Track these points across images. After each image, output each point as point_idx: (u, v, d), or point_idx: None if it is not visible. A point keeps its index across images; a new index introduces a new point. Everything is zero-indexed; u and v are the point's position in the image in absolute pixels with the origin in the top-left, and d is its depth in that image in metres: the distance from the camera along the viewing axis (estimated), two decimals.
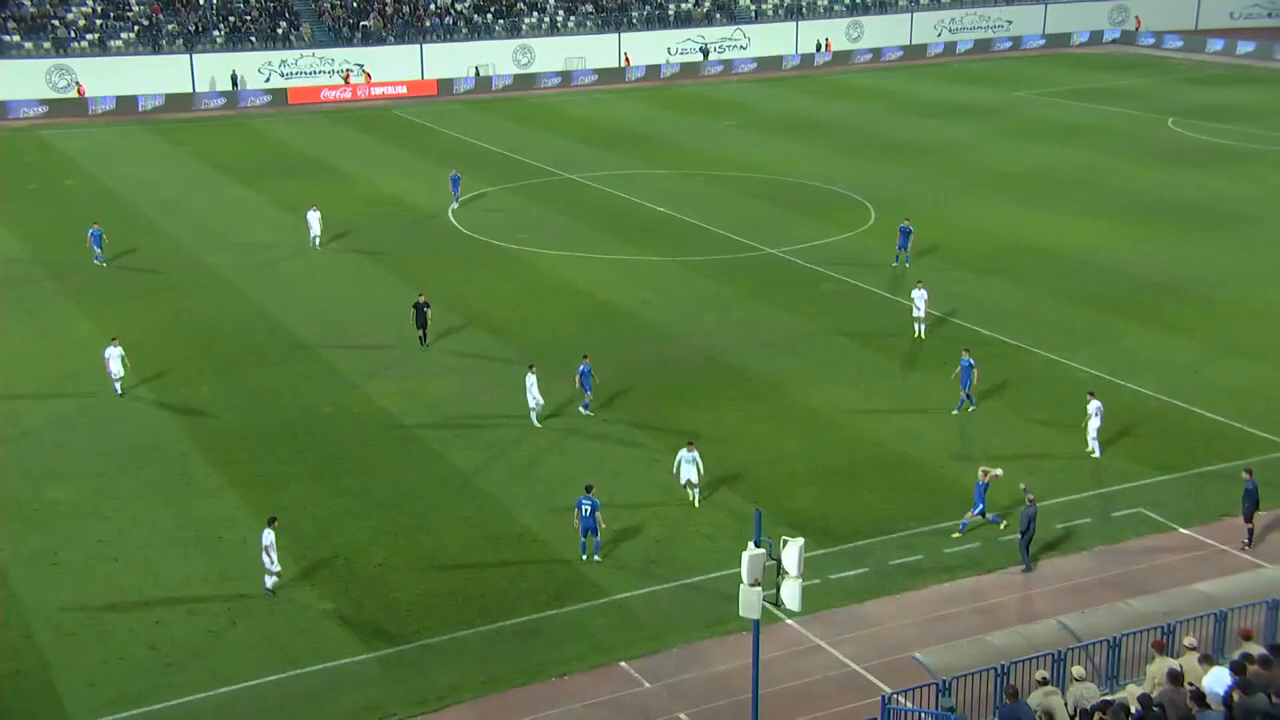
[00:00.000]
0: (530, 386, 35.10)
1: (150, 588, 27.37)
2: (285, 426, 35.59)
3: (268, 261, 51.06)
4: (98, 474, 32.55)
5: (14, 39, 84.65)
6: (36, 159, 69.21)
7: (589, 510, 28.04)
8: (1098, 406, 33.40)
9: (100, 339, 41.83)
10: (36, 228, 55.23)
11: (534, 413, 35.29)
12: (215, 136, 76.66)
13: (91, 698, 23.70)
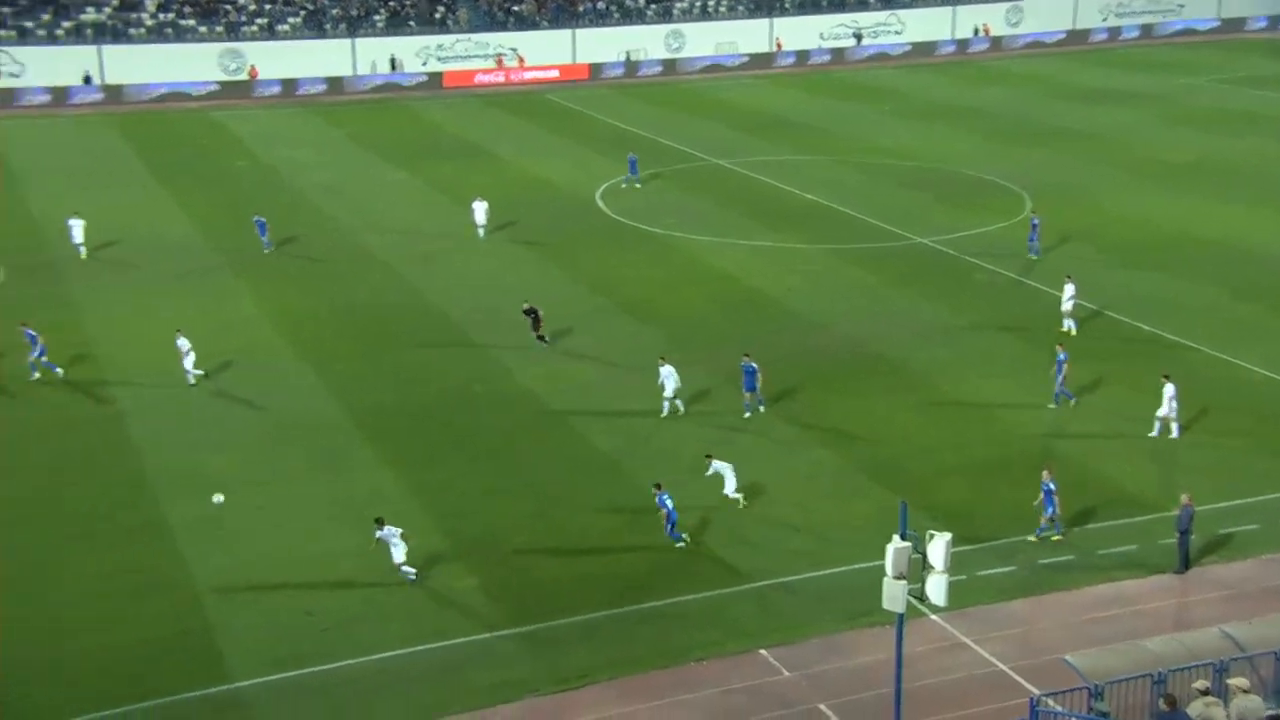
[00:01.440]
0: (665, 377, 35.06)
1: (306, 557, 28.26)
2: (436, 406, 36.33)
3: (423, 244, 52.12)
4: (258, 447, 33.71)
5: (189, 23, 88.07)
6: (209, 141, 71.90)
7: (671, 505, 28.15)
8: (1172, 390, 32.81)
9: (263, 317, 43.38)
10: (207, 207, 57.38)
11: (667, 403, 35.23)
12: (372, 119, 78.56)
13: (250, 659, 24.61)
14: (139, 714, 22.96)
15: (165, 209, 56.74)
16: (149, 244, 51.12)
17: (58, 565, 27.67)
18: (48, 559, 27.87)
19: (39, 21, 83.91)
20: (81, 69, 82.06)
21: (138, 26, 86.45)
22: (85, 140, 70.57)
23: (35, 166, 63.40)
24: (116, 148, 68.79)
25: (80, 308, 43.53)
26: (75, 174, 62.28)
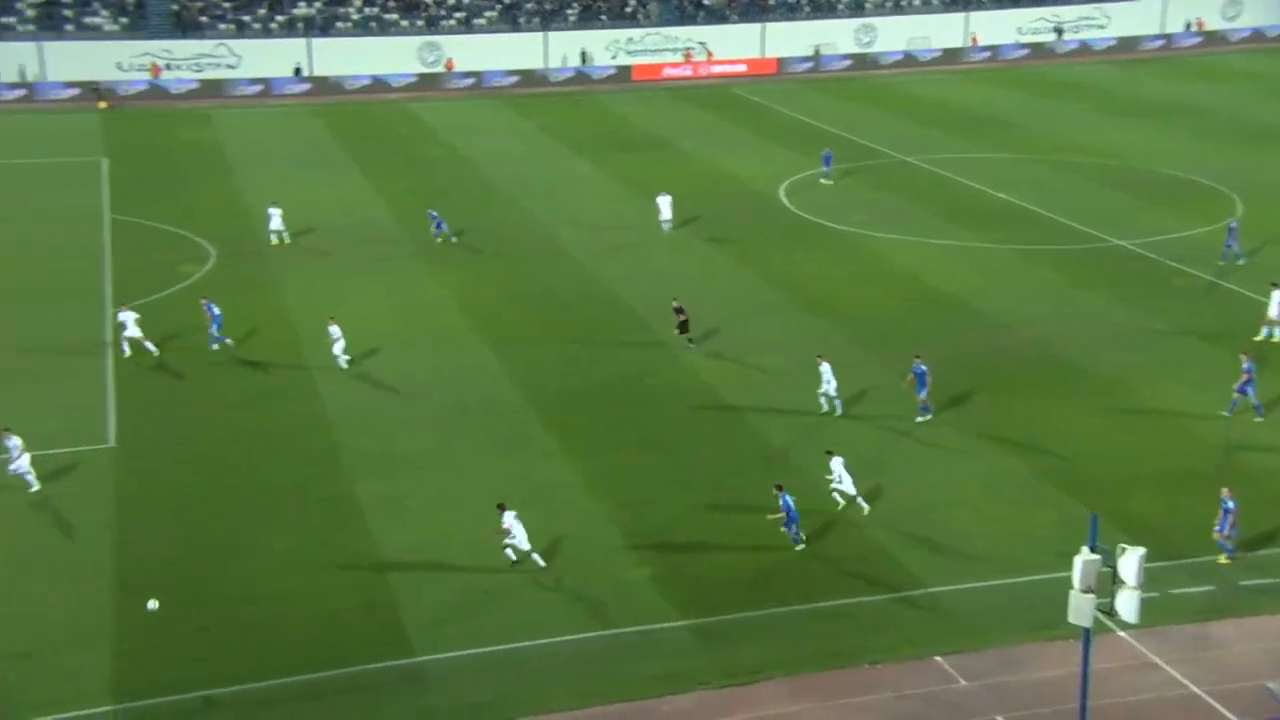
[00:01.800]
0: (824, 375, 34.58)
1: (485, 538, 28.89)
2: (616, 396, 36.67)
3: (607, 236, 52.67)
4: (445, 429, 34.62)
5: (392, 17, 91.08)
6: (406, 131, 74.17)
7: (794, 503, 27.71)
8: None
9: (451, 301, 44.50)
10: (403, 195, 59.23)
11: (823, 399, 34.74)
12: (562, 111, 79.77)
13: (431, 633, 25.31)
14: (325, 681, 23.87)
15: (364, 196, 58.79)
16: (348, 229, 53.04)
17: (254, 536, 28.97)
18: (246, 529, 29.21)
19: (255, 16, 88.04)
20: (292, 61, 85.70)
21: (344, 20, 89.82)
22: (292, 130, 73.71)
23: (247, 154, 66.55)
24: (320, 137, 71.64)
25: (282, 289, 45.47)
26: (282, 162, 65.10)
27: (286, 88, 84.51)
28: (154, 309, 42.32)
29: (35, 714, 22.66)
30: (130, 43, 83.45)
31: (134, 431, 33.77)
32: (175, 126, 72.95)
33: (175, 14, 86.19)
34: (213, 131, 72.07)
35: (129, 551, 27.97)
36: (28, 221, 52.53)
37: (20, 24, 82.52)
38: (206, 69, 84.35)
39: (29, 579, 26.83)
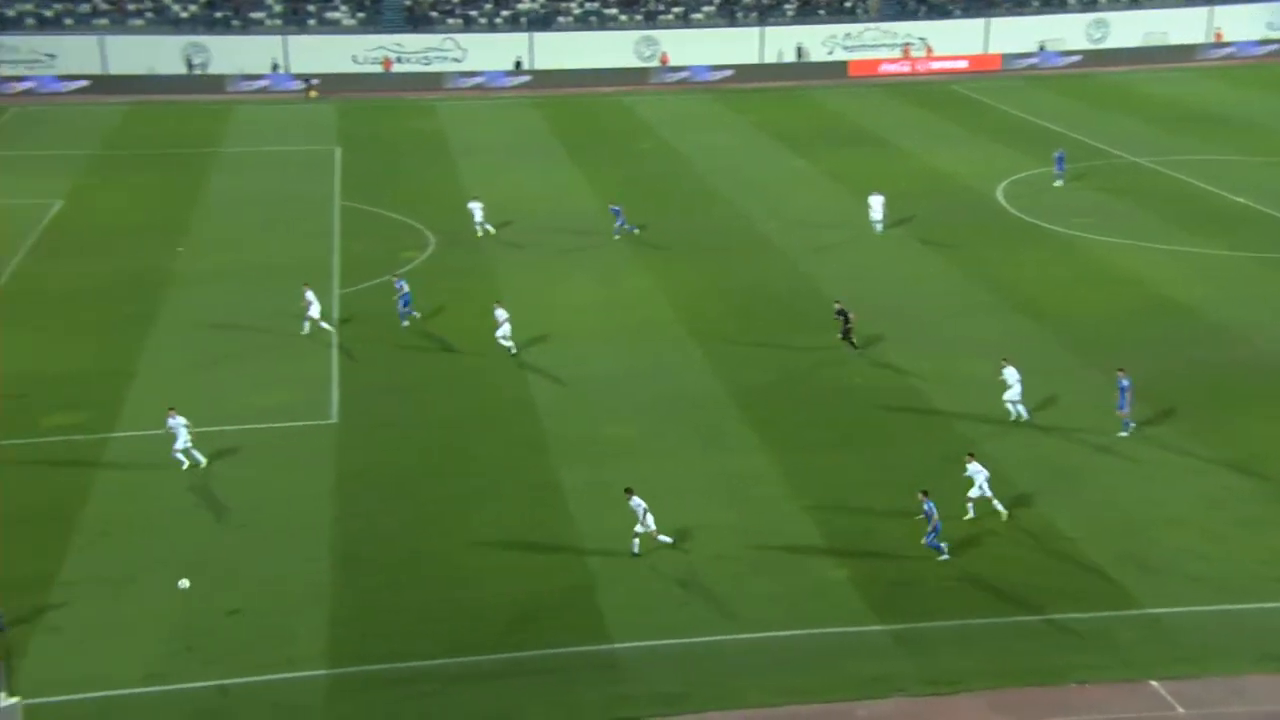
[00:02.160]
0: (1008, 379, 33.27)
1: (684, 529, 29.02)
2: (818, 393, 36.28)
3: (818, 233, 52.14)
4: (649, 418, 34.92)
5: (611, 12, 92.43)
6: (618, 124, 75.19)
7: None
8: None
9: (658, 293, 44.78)
10: (615, 187, 60.00)
11: (1009, 405, 33.46)
12: (776, 106, 79.33)
13: (628, 621, 25.59)
14: (524, 661, 24.42)
15: (577, 188, 59.82)
16: (560, 220, 54.08)
17: (463, 515, 29.84)
18: (456, 508, 30.12)
19: (481, 11, 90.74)
20: (513, 55, 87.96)
21: (565, 16, 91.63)
22: (511, 122, 75.62)
23: (468, 145, 68.61)
24: (537, 129, 73.26)
25: (495, 277, 46.70)
26: (500, 153, 66.86)
27: (506, 80, 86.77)
28: (375, 292, 44.10)
29: (257, 672, 23.91)
30: (365, 37, 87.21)
31: (355, 409, 35.25)
32: (403, 117, 75.83)
33: (407, 9, 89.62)
34: (437, 122, 74.60)
35: (347, 524, 29.22)
36: (268, 205, 55.50)
37: (269, 18, 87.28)
38: (434, 62, 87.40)
39: (254, 544, 28.34)
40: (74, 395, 35.43)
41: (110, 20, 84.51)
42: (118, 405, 34.89)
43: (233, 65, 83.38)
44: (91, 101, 77.77)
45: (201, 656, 24.30)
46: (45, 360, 37.82)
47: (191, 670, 23.89)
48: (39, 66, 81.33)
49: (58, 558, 27.38)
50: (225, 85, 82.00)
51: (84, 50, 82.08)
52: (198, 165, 62.37)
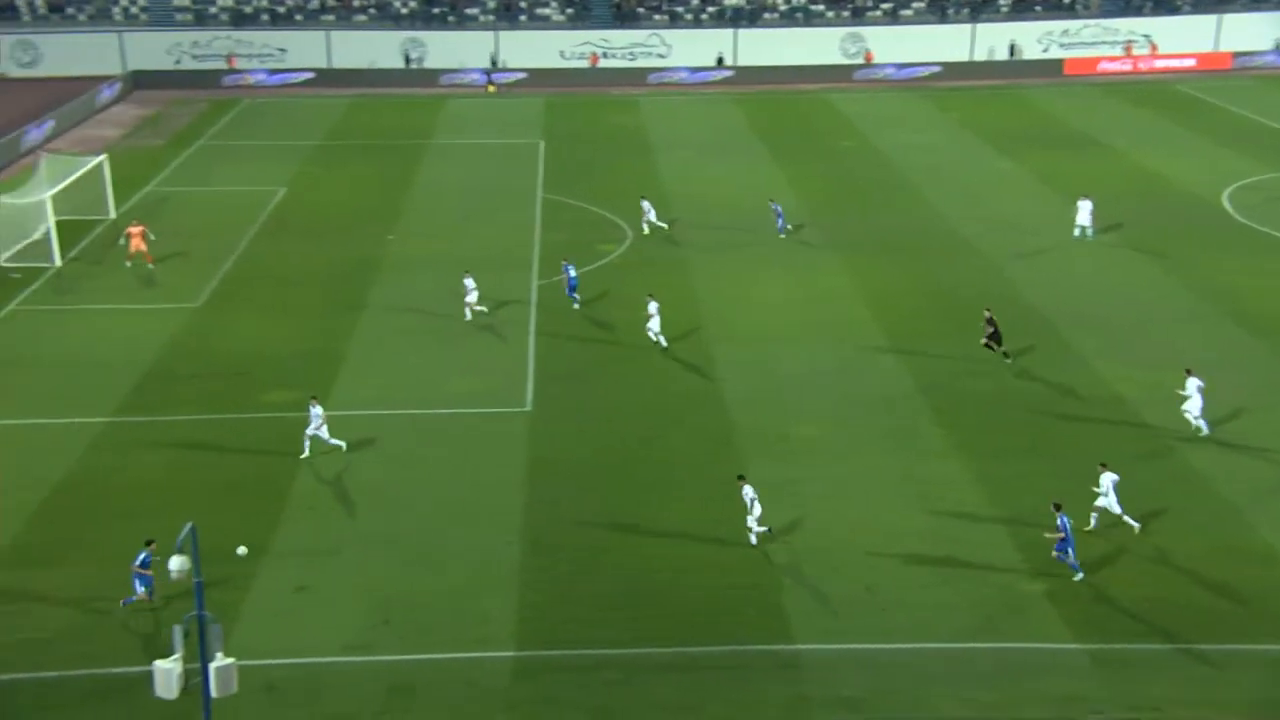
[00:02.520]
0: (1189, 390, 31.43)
1: (872, 533, 28.61)
2: (1012, 399, 35.24)
3: (1022, 236, 50.57)
4: (839, 418, 34.55)
5: (818, 8, 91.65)
6: (821, 121, 74.50)
7: None
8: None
9: (854, 292, 44.22)
10: (813, 183, 59.54)
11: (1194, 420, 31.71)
12: (985, 105, 77.20)
13: (812, 624, 25.40)
14: (707, 656, 24.51)
15: (775, 185, 59.54)
16: (759, 216, 53.93)
17: (650, 506, 30.11)
18: (643, 499, 30.42)
19: (688, 7, 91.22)
20: (717, 51, 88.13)
21: (772, 11, 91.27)
22: (712, 117, 75.79)
23: (668, 140, 69.09)
24: (738, 125, 73.21)
25: (690, 273, 46.91)
26: (700, 148, 67.09)
27: (709, 76, 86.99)
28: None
29: (449, 649, 24.69)
30: (573, 32, 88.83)
31: (549, 397, 35.98)
32: (606, 112, 76.91)
33: (615, 6, 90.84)
34: (639, 118, 75.38)
35: (538, 510, 29.88)
36: (474, 196, 57.14)
37: (483, 14, 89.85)
38: (639, 58, 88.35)
39: (450, 525, 29.26)
40: (290, 374, 37.25)
41: (336, 16, 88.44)
42: (329, 385, 36.51)
43: (447, 60, 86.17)
44: (316, 94, 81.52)
45: (397, 630, 25.25)
46: (266, 340, 39.87)
47: (388, 643, 24.85)
48: (270, 61, 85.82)
49: (269, 528, 28.86)
50: (439, 79, 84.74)
51: (311, 45, 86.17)
52: (410, 156, 64.68)
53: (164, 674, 19.08)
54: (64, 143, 65.70)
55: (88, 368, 37.59)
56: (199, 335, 40.06)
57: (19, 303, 42.91)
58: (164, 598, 25.70)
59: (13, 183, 54.29)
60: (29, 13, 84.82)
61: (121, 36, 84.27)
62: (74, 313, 42.29)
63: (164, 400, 35.45)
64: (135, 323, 41.21)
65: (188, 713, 21.85)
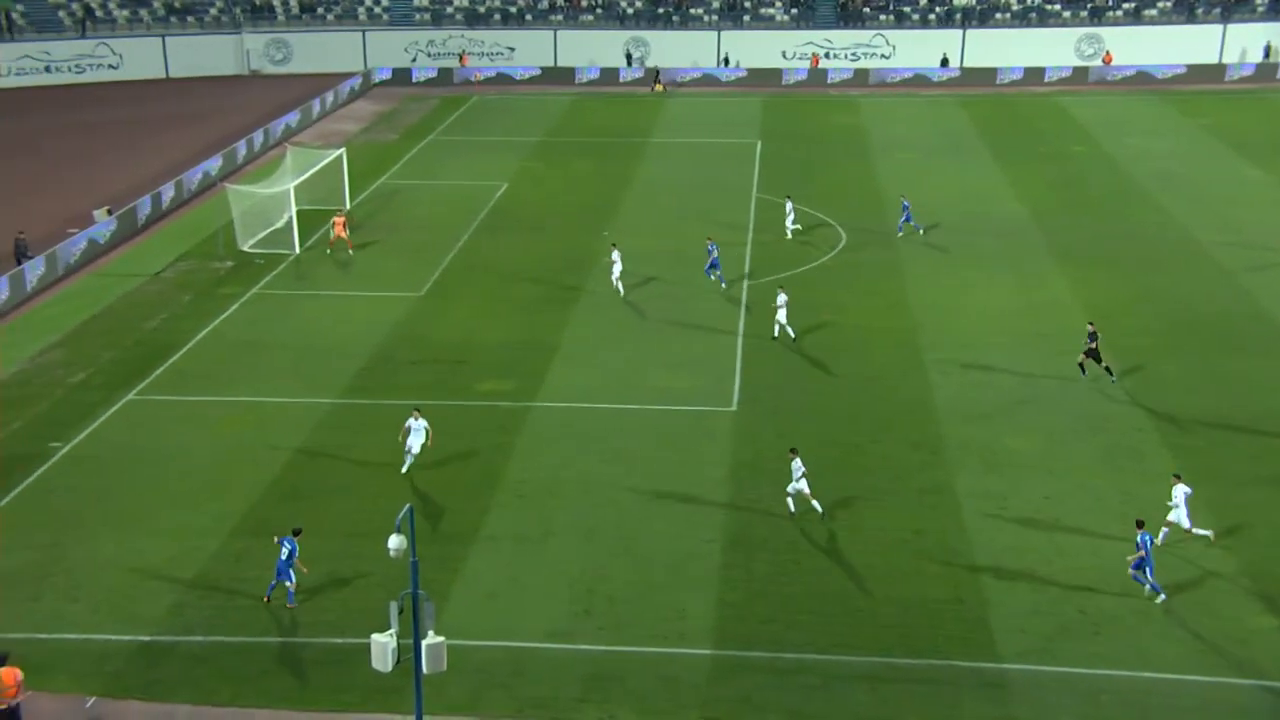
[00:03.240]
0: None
1: (1085, 553, 27.52)
2: (1253, 422, 33.26)
3: (1265, 251, 47.67)
4: (1053, 432, 33.36)
5: (1053, 7, 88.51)
6: (1050, 124, 71.96)
7: None
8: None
9: (1075, 302, 42.60)
10: (1037, 189, 57.59)
11: None
12: (1235, 111, 73.06)
13: (1019, 642, 24.64)
14: (907, 668, 24.08)
15: (997, 189, 57.89)
16: (978, 221, 52.59)
17: (854, 512, 29.76)
18: (847, 504, 30.09)
19: (915, 6, 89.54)
20: (942, 51, 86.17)
21: (1003, 11, 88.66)
22: (935, 119, 74.20)
23: (889, 142, 68.01)
24: (961, 128, 71.46)
25: (904, 277, 46.07)
26: (922, 150, 65.79)
27: (934, 77, 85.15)
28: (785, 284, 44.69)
29: (648, 643, 25.02)
30: (796, 33, 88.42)
31: (755, 398, 35.96)
32: (826, 112, 76.26)
33: (841, 6, 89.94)
34: (859, 118, 74.45)
35: (739, 510, 29.92)
36: (689, 194, 57.57)
37: (707, 14, 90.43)
38: (862, 58, 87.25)
39: (653, 519, 29.61)
40: (505, 364, 38.38)
41: (564, 16, 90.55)
42: (541, 376, 37.46)
43: (669, 59, 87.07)
44: (541, 91, 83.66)
45: (599, 621, 25.72)
46: (482, 330, 41.20)
47: (589, 633, 25.34)
48: (500, 59, 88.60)
49: (481, 513, 29.83)
50: (660, 77, 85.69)
51: (539, 43, 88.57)
52: (629, 153, 65.66)
53: (380, 647, 19.83)
54: (308, 136, 69.43)
55: (319, 351, 39.64)
56: (421, 323, 41.72)
57: (262, 287, 45.59)
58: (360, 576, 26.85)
59: (261, 173, 57.78)
60: (283, 12, 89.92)
61: (364, 35, 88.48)
62: (309, 298, 44.67)
63: (386, 384, 37.07)
64: (363, 309, 43.22)
65: (398, 687, 22.86)
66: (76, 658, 24.50)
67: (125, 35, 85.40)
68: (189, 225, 53.09)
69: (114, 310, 43.35)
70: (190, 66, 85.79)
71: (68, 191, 58.07)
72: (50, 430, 34.05)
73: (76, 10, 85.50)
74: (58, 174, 61.86)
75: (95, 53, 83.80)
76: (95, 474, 31.71)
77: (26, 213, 53.17)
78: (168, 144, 67.59)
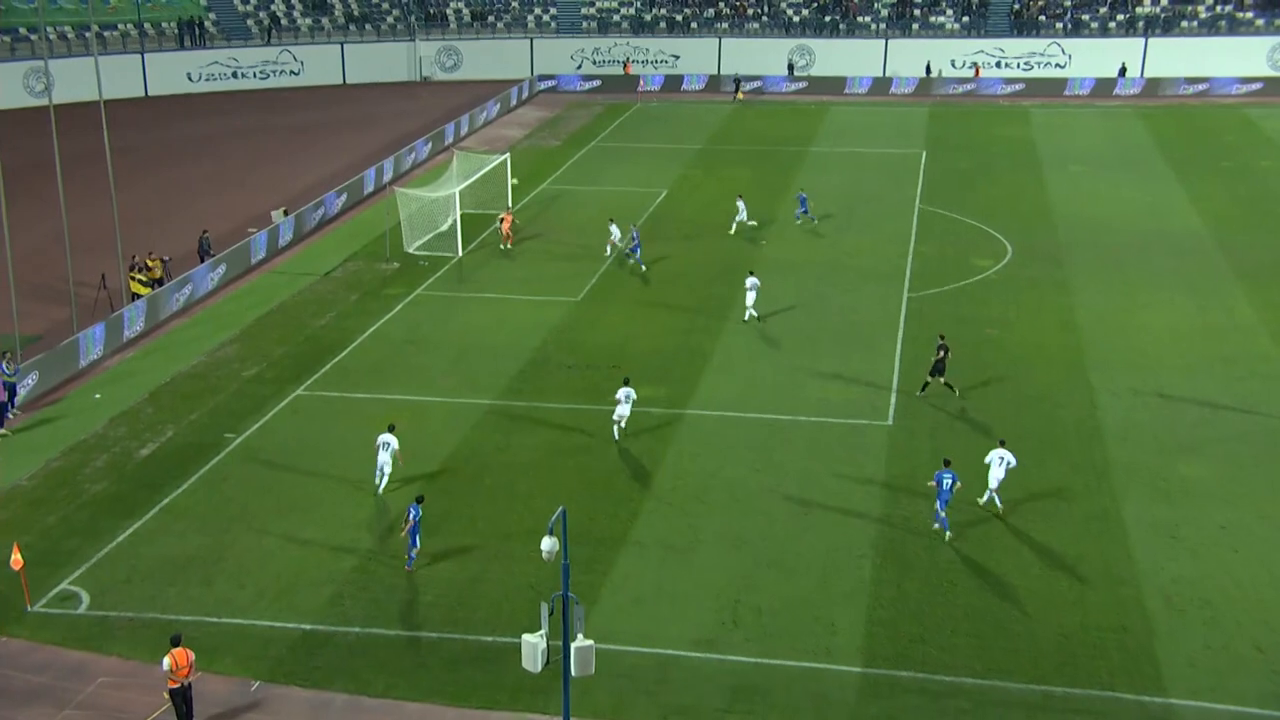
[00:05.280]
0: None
1: (1263, 586, 26.18)
2: None
3: None
4: (1232, 459, 31.85)
5: (1245, 15, 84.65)
6: (1237, 137, 68.85)
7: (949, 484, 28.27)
8: None
9: (1260, 325, 40.62)
10: (1220, 205, 55.14)
11: None
12: None
13: (1189, 678, 23.56)
14: (1065, 698, 23.25)
15: (1176, 204, 55.64)
16: (1154, 237, 50.62)
17: (1010, 536, 28.84)
18: (999, 529, 29.19)
19: (1095, 14, 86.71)
20: (1121, 60, 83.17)
21: (1190, 20, 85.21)
22: (1109, 131, 71.72)
23: (1059, 154, 65.94)
24: (1138, 140, 68.91)
25: (1071, 293, 44.58)
26: (1095, 163, 63.65)
27: (1110, 88, 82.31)
28: (944, 300, 43.80)
29: (795, 657, 24.71)
30: (965, 41, 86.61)
31: (912, 413, 35.21)
32: (993, 123, 74.47)
33: (1015, 13, 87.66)
34: (1029, 129, 72.47)
35: (891, 526, 29.31)
36: (850, 204, 56.84)
37: (874, 22, 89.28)
38: (1034, 67, 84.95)
39: (805, 531, 29.24)
40: (658, 370, 38.46)
41: (729, 25, 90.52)
42: (693, 383, 37.42)
43: (834, 68, 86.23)
44: (703, 99, 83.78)
45: (745, 632, 25.50)
46: (637, 336, 41.37)
47: (735, 643, 25.14)
48: (664, 66, 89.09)
49: (630, 518, 29.92)
50: (824, 86, 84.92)
51: (703, 51, 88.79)
52: (789, 163, 65.23)
53: (531, 648, 19.93)
54: (474, 141, 71.00)
55: (478, 351, 40.40)
56: (577, 328, 42.14)
57: (425, 288, 46.73)
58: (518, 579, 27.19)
59: (428, 176, 59.27)
60: (455, 20, 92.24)
61: (532, 42, 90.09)
62: (471, 300, 45.58)
63: (543, 387, 37.53)
64: (522, 312, 43.90)
65: (545, 688, 23.07)
66: (243, 642, 25.40)
67: (307, 43, 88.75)
68: (359, 227, 54.78)
69: (286, 307, 44.98)
70: (366, 73, 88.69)
71: (250, 192, 60.60)
72: (225, 422, 35.47)
73: (264, 19, 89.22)
74: (240, 175, 64.61)
75: (279, 59, 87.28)
76: (265, 465, 32.91)
77: (212, 212, 55.67)
78: (342, 148, 69.96)
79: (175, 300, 44.62)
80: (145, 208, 56.46)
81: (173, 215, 56.17)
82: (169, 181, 62.79)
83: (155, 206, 57.69)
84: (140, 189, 59.45)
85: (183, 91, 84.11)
